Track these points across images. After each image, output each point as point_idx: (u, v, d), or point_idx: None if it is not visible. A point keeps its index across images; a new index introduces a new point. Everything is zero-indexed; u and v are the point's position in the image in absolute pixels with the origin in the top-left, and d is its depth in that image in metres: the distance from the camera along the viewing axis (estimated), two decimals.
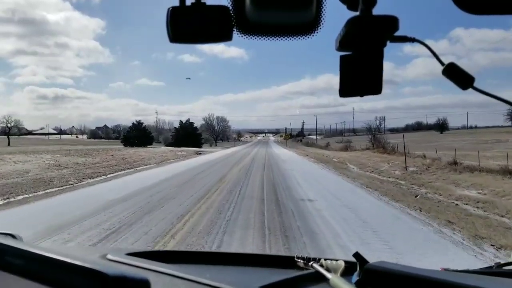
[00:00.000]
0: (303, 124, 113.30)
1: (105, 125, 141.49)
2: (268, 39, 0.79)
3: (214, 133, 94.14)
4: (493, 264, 1.06)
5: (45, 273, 0.65)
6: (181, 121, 70.13)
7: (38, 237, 5.64)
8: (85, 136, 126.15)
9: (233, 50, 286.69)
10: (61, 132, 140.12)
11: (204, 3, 0.77)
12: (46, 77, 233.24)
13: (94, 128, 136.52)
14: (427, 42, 0.74)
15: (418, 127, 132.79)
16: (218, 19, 0.77)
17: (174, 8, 0.76)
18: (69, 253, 0.64)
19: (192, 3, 0.77)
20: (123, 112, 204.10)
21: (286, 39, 0.79)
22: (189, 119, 70.30)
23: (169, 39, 0.77)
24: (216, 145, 78.43)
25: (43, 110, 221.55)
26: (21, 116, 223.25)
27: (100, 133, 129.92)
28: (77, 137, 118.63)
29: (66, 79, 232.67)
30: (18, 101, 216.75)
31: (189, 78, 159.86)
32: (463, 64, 0.71)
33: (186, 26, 0.77)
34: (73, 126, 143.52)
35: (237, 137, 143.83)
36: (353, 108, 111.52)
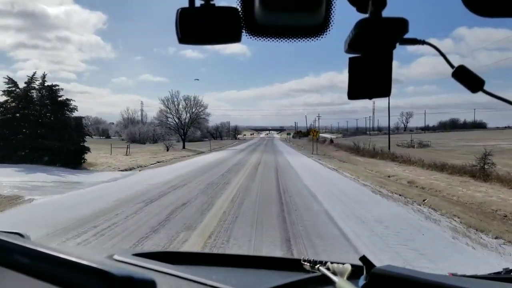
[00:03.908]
0: (318, 119, 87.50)
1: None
2: (277, 40, 0.84)
3: (182, 126, 52.57)
4: (501, 270, 1.08)
5: (52, 272, 0.68)
6: (8, 78, 21.69)
7: None
8: None
9: (235, 46, 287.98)
10: None
11: (214, 5, 0.83)
12: (49, 71, 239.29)
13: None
14: (431, 41, 0.77)
15: (454, 125, 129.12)
16: (227, 21, 0.83)
17: (183, 9, 0.82)
18: (76, 253, 0.67)
19: (201, 4, 0.82)
20: (126, 107, 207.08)
21: (294, 40, 0.84)
22: (45, 74, 22.46)
23: (178, 40, 0.83)
24: (184, 147, 46.23)
25: None
26: None
27: None
28: None
29: (69, 74, 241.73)
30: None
31: (198, 79, 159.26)
32: (467, 63, 0.73)
33: (195, 27, 0.83)
34: None
35: (234, 134, 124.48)
36: (374, 102, 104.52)
